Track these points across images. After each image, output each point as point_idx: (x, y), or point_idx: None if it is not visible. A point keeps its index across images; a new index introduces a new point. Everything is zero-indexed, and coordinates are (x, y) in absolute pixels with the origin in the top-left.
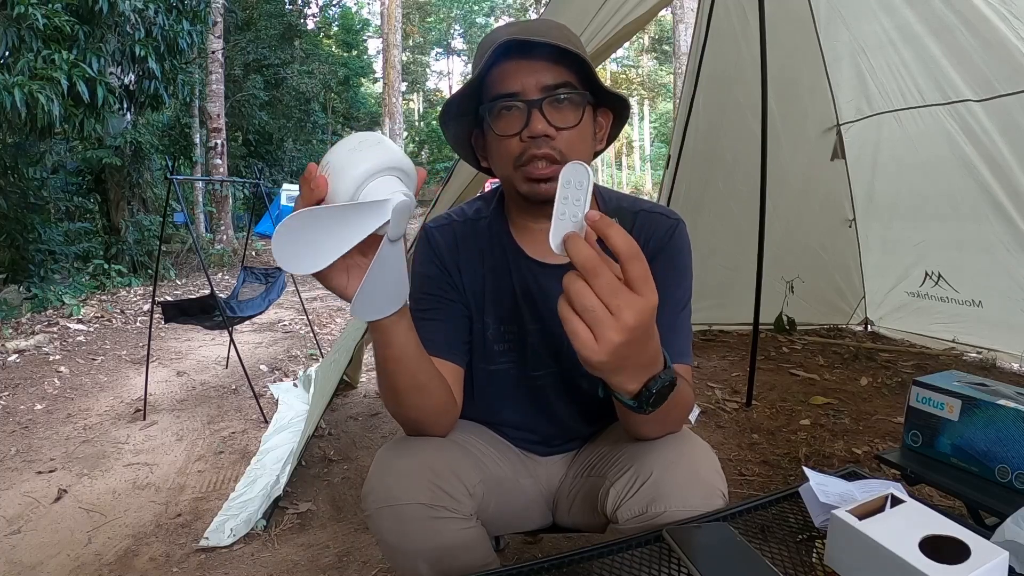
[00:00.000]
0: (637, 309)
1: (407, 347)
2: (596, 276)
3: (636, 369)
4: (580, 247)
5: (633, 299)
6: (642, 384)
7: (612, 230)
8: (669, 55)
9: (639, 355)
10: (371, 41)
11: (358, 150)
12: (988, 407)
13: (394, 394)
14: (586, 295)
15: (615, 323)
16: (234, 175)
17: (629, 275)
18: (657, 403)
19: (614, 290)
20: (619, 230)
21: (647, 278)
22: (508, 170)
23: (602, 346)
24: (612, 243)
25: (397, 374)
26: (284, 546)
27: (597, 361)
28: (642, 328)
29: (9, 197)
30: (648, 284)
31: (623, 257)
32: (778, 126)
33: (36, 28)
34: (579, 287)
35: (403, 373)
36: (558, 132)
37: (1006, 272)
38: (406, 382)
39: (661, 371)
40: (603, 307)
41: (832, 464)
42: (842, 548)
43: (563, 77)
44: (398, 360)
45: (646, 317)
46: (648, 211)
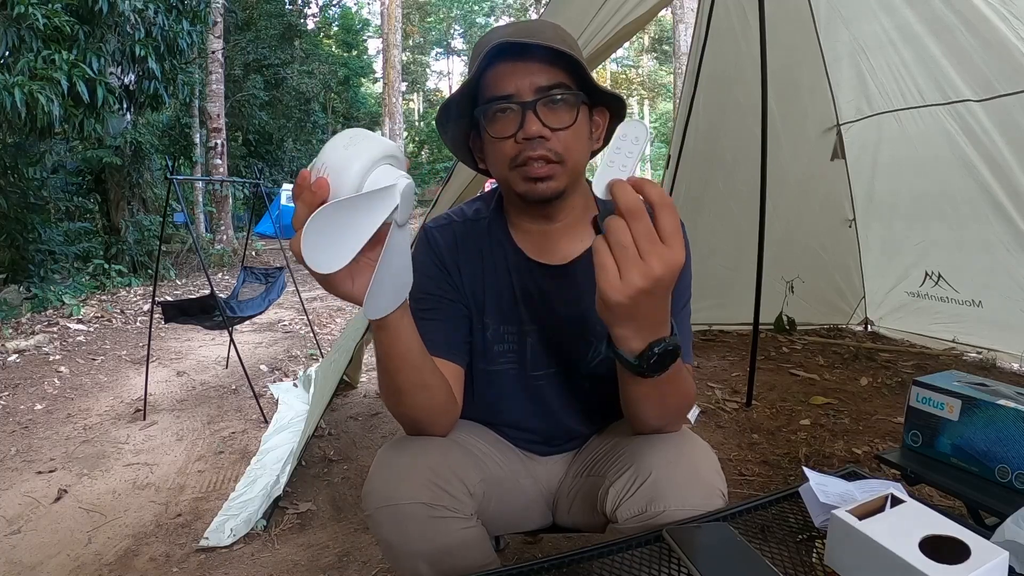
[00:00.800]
0: (665, 260)
1: (412, 344)
2: (637, 220)
3: (644, 324)
4: (627, 190)
5: (663, 250)
6: (646, 344)
7: (649, 184)
8: (669, 55)
9: (652, 310)
10: (371, 41)
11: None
12: (988, 407)
13: (398, 394)
14: (623, 232)
15: (642, 267)
16: (234, 175)
17: (661, 224)
18: (658, 367)
19: (650, 237)
20: (656, 185)
21: (677, 233)
22: (505, 171)
23: (625, 286)
24: (647, 194)
25: (402, 373)
26: (284, 546)
27: (615, 301)
28: (664, 281)
29: (9, 197)
30: (678, 239)
31: (657, 206)
32: (778, 126)
33: (36, 28)
34: (619, 224)
35: (408, 371)
36: (553, 133)
37: (1006, 272)
38: (411, 380)
39: (667, 336)
40: (635, 249)
41: (832, 464)
42: (842, 548)
43: (557, 78)
44: (403, 358)
45: (671, 270)
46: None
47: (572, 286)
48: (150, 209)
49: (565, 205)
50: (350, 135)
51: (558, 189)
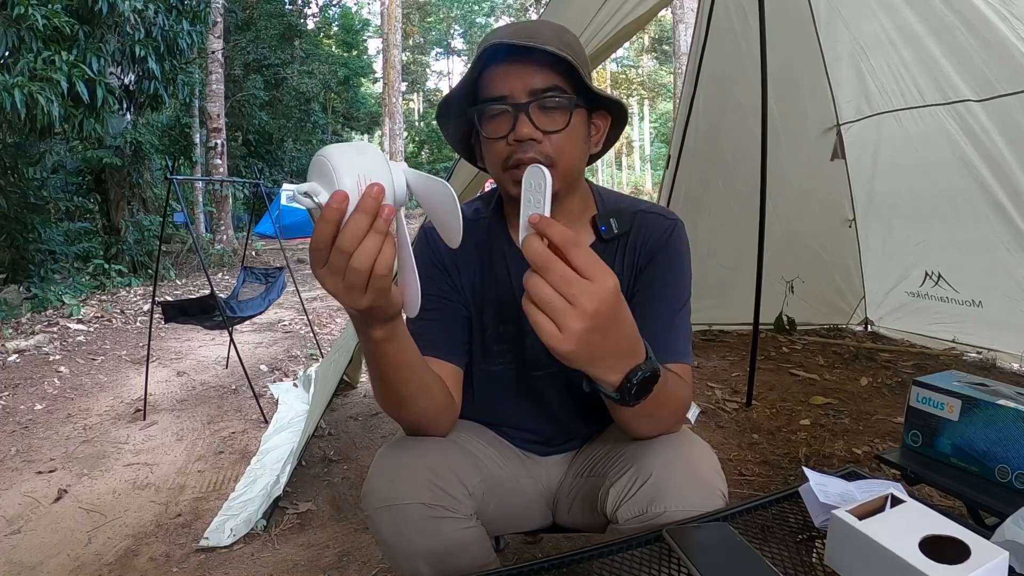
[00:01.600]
0: (592, 294)
1: (413, 349)
2: (547, 269)
3: (612, 358)
4: (533, 244)
5: (586, 285)
6: (623, 375)
7: (549, 227)
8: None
9: (609, 343)
10: (371, 41)
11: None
12: (988, 407)
13: (400, 401)
14: (542, 288)
15: (574, 311)
16: (234, 175)
17: (574, 263)
18: (640, 395)
19: (567, 280)
20: (554, 225)
21: (594, 263)
22: (498, 172)
23: (566, 335)
24: (549, 236)
25: (407, 381)
26: (284, 546)
27: (566, 351)
28: (604, 314)
29: (9, 197)
30: (598, 268)
31: (561, 247)
32: (778, 126)
33: (36, 29)
34: (535, 281)
35: (412, 378)
36: (545, 135)
37: (1006, 272)
38: (414, 386)
39: (642, 362)
40: (560, 297)
41: (832, 464)
42: (842, 548)
43: (552, 80)
44: (408, 365)
45: (604, 302)
46: (646, 211)
47: None
48: (150, 209)
49: (560, 208)
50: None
51: None
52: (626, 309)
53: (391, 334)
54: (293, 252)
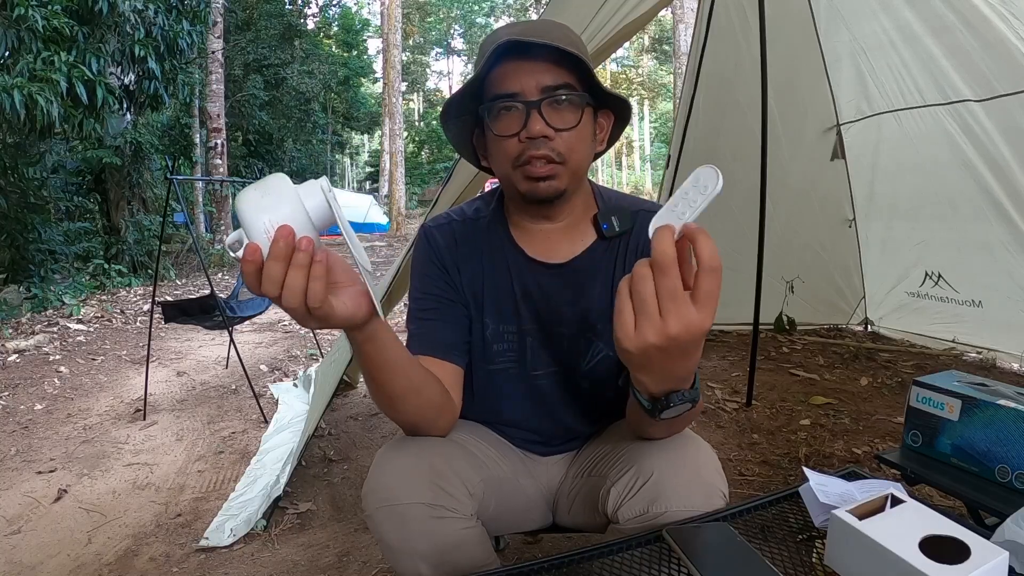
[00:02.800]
0: (686, 322)
1: (397, 350)
2: (664, 274)
3: (662, 378)
4: (664, 240)
5: (687, 311)
6: (663, 392)
7: (703, 239)
8: (669, 55)
9: (668, 366)
10: (371, 41)
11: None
12: (988, 407)
13: (391, 400)
14: (646, 286)
15: (658, 324)
16: (234, 175)
17: (700, 285)
18: (669, 414)
19: (673, 295)
20: (710, 242)
21: (712, 297)
22: (507, 170)
23: (637, 338)
24: (698, 249)
25: (393, 380)
26: (284, 546)
27: (626, 347)
28: (683, 342)
29: (9, 197)
30: (710, 304)
31: (703, 265)
32: (778, 126)
33: (35, 30)
34: (644, 274)
35: (398, 378)
36: (557, 133)
37: (1006, 272)
38: (402, 386)
39: (687, 389)
40: (655, 303)
41: (832, 464)
42: (842, 548)
43: (563, 78)
44: (392, 366)
45: (691, 333)
46: (648, 211)
47: (572, 285)
48: (150, 209)
49: (566, 205)
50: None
51: (559, 189)
52: (700, 348)
53: (370, 336)
54: None
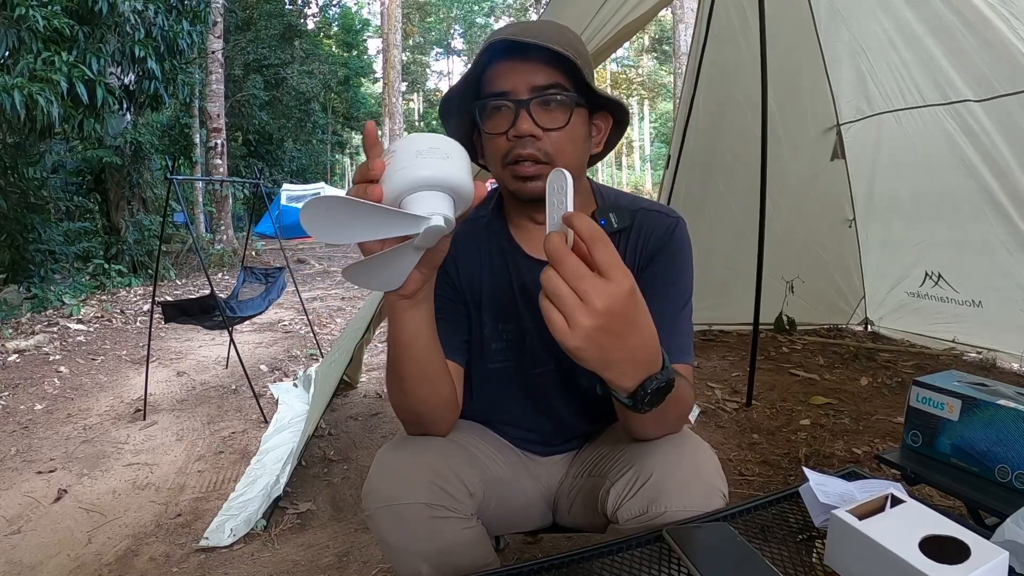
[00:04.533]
0: (606, 293)
1: (419, 336)
2: (561, 263)
3: (626, 364)
4: (551, 240)
5: (601, 283)
6: (638, 383)
7: (578, 219)
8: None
9: (622, 347)
10: (371, 41)
11: (424, 156)
12: (988, 407)
13: (401, 383)
14: (555, 282)
15: (583, 307)
16: (234, 175)
17: (595, 258)
18: (653, 403)
19: (580, 275)
20: (584, 219)
21: (615, 263)
22: (498, 168)
23: (575, 331)
24: (576, 228)
25: (405, 361)
26: (284, 546)
27: (573, 346)
28: (616, 315)
29: (9, 197)
30: (617, 268)
31: (586, 240)
32: (778, 126)
33: (36, 30)
34: (549, 275)
35: (412, 362)
36: (545, 133)
37: (1006, 272)
38: (414, 372)
39: (658, 371)
40: (571, 293)
41: (832, 464)
42: (842, 548)
43: (554, 79)
44: (408, 346)
45: (617, 302)
46: (647, 209)
47: None
48: (150, 209)
49: None
50: (431, 144)
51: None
52: (645, 315)
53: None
54: (293, 252)
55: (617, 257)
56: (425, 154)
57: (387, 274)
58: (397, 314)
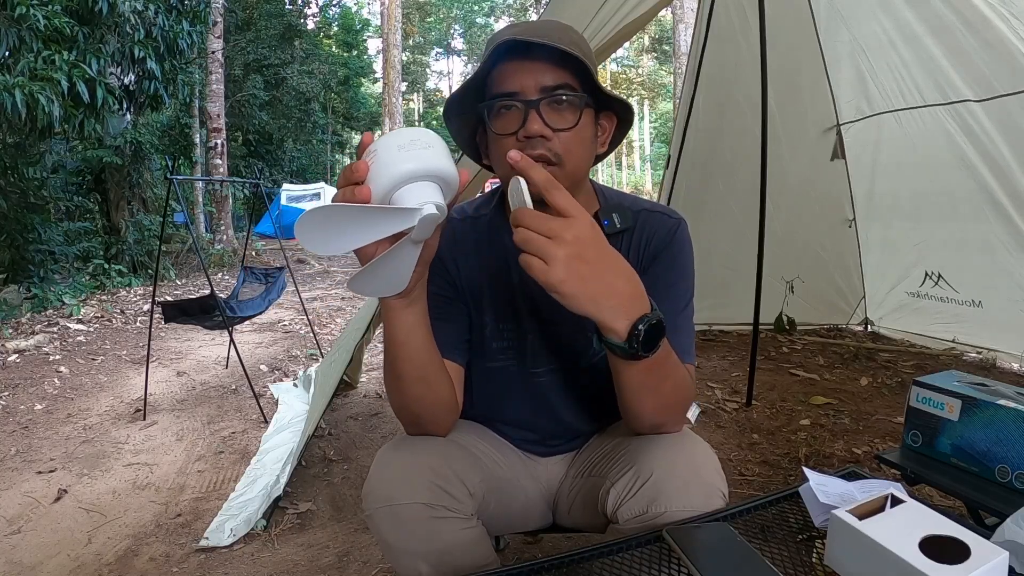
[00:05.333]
0: (567, 225)
1: (413, 335)
2: (524, 217)
3: (612, 298)
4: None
5: (563, 221)
6: (630, 323)
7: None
8: (669, 55)
9: (601, 276)
10: (371, 41)
11: (406, 149)
12: (988, 407)
13: (397, 382)
14: (525, 233)
15: (553, 243)
16: (234, 175)
17: (553, 204)
18: (648, 345)
19: (543, 219)
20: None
21: (571, 204)
22: (505, 169)
23: (553, 265)
24: (530, 178)
25: (400, 361)
26: (284, 546)
27: (556, 280)
28: (584, 241)
29: (9, 197)
30: (574, 207)
31: (542, 187)
32: (778, 126)
33: (36, 29)
34: (519, 231)
35: (407, 361)
36: (555, 133)
37: (1006, 272)
38: (410, 371)
39: (648, 312)
40: (539, 236)
41: (832, 464)
42: (842, 548)
43: (563, 79)
44: (403, 345)
45: (583, 231)
46: (650, 210)
47: None
48: (150, 209)
49: None
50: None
51: None
52: (614, 251)
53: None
54: (293, 252)
55: (571, 199)
56: (407, 147)
57: (391, 276)
58: (391, 314)
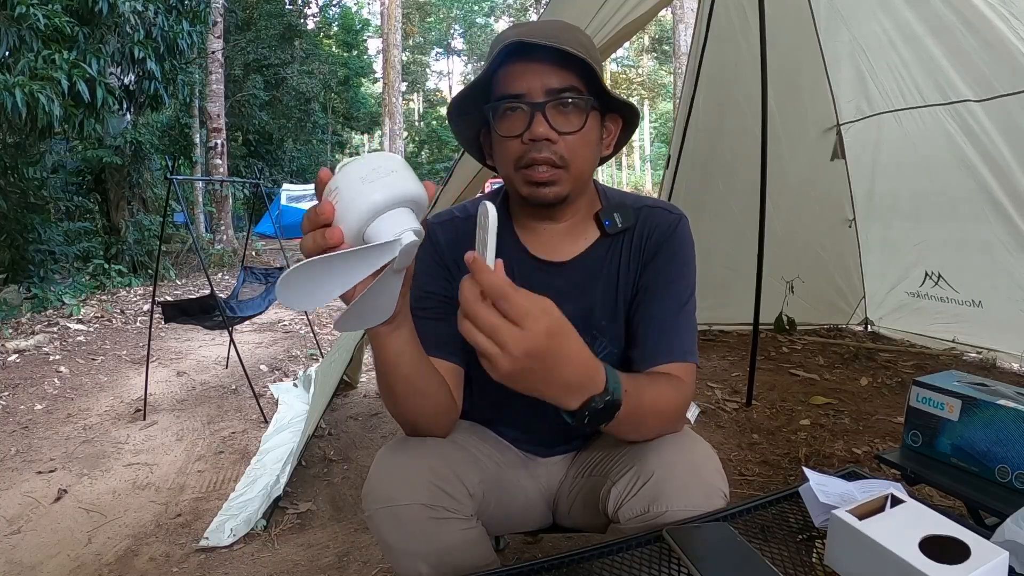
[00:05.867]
0: (519, 339)
1: (402, 355)
2: (474, 316)
3: (559, 390)
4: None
5: (513, 332)
6: (580, 403)
7: (479, 273)
8: (669, 55)
9: (552, 378)
10: (371, 41)
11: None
12: (988, 407)
13: (392, 397)
14: (473, 334)
15: (502, 354)
16: (234, 175)
17: (505, 314)
18: (593, 423)
19: (494, 328)
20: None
21: (525, 311)
22: (510, 171)
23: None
24: (479, 282)
25: (393, 379)
26: (284, 546)
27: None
28: (537, 356)
29: (9, 197)
30: (528, 317)
31: (492, 298)
32: (778, 126)
33: (36, 28)
34: (467, 327)
35: (399, 378)
36: (560, 136)
37: (1006, 272)
38: (402, 387)
39: (599, 393)
40: (489, 342)
41: (832, 464)
42: (842, 548)
43: (569, 81)
44: (395, 366)
45: (535, 345)
46: (651, 207)
47: (576, 281)
48: (150, 209)
49: (569, 208)
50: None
51: (560, 194)
52: (572, 347)
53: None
54: (293, 252)
55: (525, 303)
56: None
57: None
58: (378, 341)
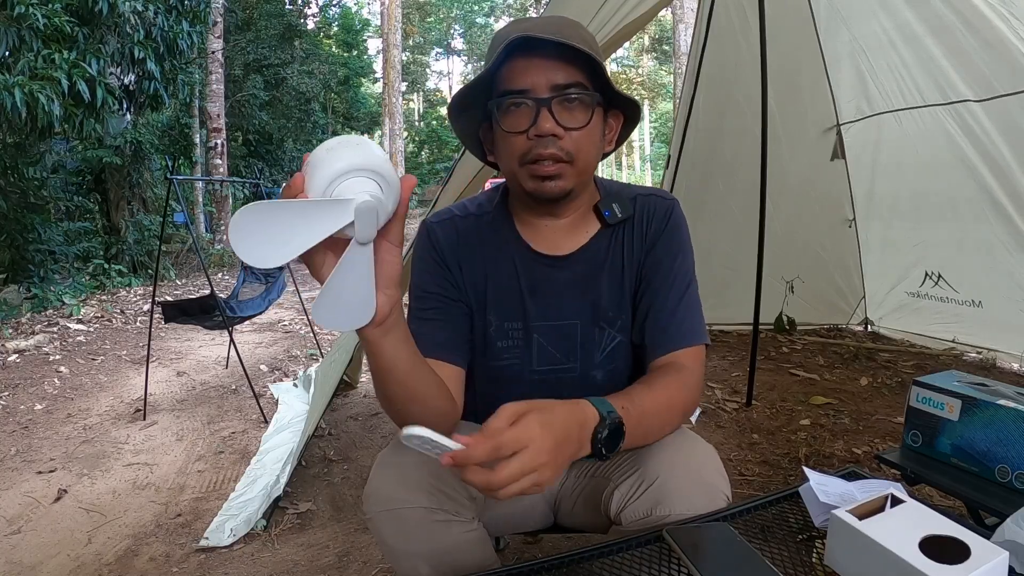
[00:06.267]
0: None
1: (396, 360)
2: (501, 483)
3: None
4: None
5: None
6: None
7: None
8: (669, 55)
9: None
10: (371, 41)
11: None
12: (988, 407)
13: (389, 401)
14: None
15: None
16: (234, 175)
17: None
18: (610, 449)
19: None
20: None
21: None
22: (514, 167)
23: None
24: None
25: (389, 384)
26: (284, 546)
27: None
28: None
29: (9, 197)
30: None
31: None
32: (778, 126)
33: (36, 28)
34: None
35: (395, 383)
36: (566, 132)
37: (1006, 272)
38: (399, 392)
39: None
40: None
41: (832, 464)
42: (842, 548)
43: (574, 77)
44: (388, 371)
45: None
46: (644, 195)
47: (579, 276)
48: (150, 209)
49: (572, 203)
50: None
51: (565, 189)
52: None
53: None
54: None
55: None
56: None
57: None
58: (370, 347)
